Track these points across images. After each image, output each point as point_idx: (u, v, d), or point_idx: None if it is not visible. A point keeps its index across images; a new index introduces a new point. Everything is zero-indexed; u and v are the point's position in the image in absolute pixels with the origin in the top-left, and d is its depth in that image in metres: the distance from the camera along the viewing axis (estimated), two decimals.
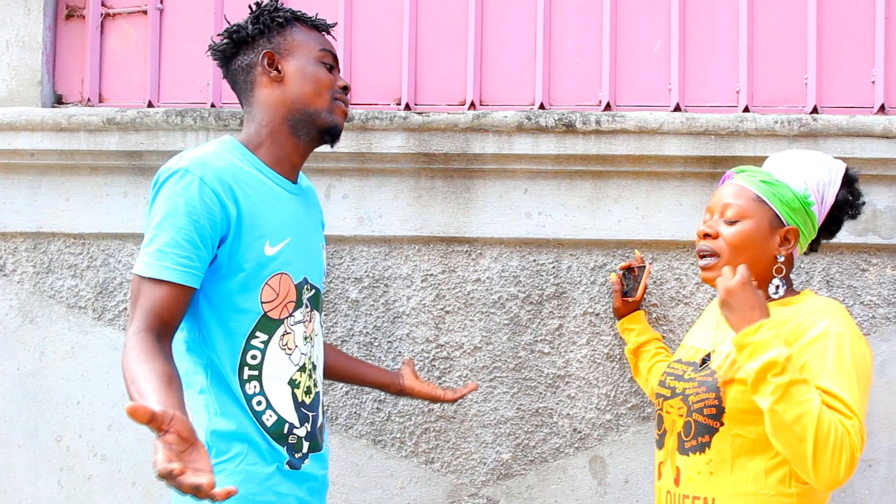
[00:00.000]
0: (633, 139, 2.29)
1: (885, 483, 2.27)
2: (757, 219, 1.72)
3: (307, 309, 1.77)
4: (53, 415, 2.44)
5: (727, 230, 1.73)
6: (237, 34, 1.78)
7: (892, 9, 2.36)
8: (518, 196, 2.36)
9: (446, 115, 2.32)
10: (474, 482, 2.36)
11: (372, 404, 2.38)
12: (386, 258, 2.39)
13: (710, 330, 1.85)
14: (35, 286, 2.46)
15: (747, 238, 1.72)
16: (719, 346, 1.76)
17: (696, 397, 1.70)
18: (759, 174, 1.76)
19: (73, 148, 2.40)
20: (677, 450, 1.74)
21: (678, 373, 1.81)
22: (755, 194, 1.73)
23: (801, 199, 1.72)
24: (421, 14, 2.46)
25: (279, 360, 1.70)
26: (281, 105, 1.74)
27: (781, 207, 1.71)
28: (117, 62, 2.53)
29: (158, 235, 1.58)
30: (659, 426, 1.83)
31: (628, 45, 2.42)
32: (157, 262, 1.56)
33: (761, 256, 1.73)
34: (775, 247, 1.72)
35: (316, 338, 1.80)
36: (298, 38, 1.78)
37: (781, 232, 1.72)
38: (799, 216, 1.73)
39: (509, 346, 2.36)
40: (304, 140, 1.77)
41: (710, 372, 1.71)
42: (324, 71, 1.78)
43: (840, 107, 2.37)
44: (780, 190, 1.72)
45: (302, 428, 1.73)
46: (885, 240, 2.28)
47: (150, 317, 1.55)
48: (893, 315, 2.29)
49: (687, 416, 1.71)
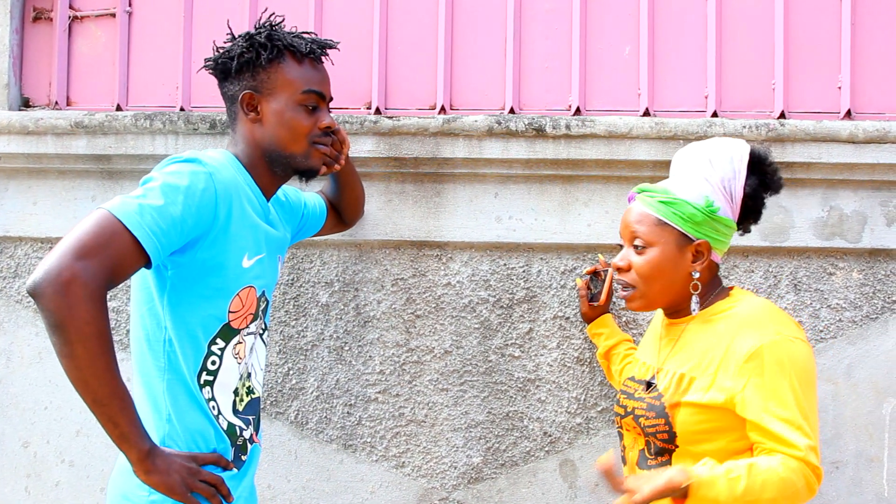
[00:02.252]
0: (603, 144, 2.30)
1: (852, 485, 2.29)
2: (662, 243, 1.70)
3: (260, 321, 1.80)
4: (20, 421, 2.42)
5: (637, 260, 1.72)
6: (224, 65, 1.77)
7: (858, 15, 2.39)
8: (488, 200, 2.36)
9: (416, 119, 2.32)
10: (445, 486, 2.36)
11: (342, 409, 2.37)
12: (356, 262, 2.39)
13: (654, 345, 1.86)
14: (1, 291, 2.44)
15: (656, 266, 1.70)
16: (664, 364, 1.76)
17: (646, 421, 1.70)
18: (657, 194, 1.73)
19: (41, 151, 2.38)
20: (637, 464, 1.75)
21: (630, 391, 1.81)
22: (656, 218, 1.71)
23: (703, 211, 1.68)
24: (391, 18, 2.46)
25: (231, 367, 1.72)
26: (259, 143, 1.76)
27: (685, 225, 1.69)
28: (85, 65, 2.51)
29: (149, 196, 1.52)
30: (620, 442, 1.85)
31: (598, 50, 2.43)
32: (140, 219, 1.49)
33: (676, 278, 1.71)
34: (688, 264, 1.70)
35: (257, 346, 1.81)
36: (283, 77, 1.75)
37: (691, 248, 1.70)
38: (706, 227, 1.69)
39: (480, 350, 2.36)
40: (279, 174, 1.80)
41: (658, 395, 1.71)
42: (303, 115, 1.76)
43: (807, 112, 2.39)
44: (680, 208, 1.69)
45: (248, 430, 1.77)
46: (852, 244, 2.31)
47: (112, 270, 1.46)
48: (860, 318, 2.32)
49: (645, 436, 1.72)
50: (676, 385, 1.68)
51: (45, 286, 1.39)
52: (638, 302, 1.75)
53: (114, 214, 1.47)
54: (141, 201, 1.51)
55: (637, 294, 1.74)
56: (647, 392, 1.74)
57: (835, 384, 2.30)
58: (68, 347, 1.41)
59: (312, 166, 1.80)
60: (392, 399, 2.37)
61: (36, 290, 1.40)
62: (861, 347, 2.31)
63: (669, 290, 1.72)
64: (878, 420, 2.30)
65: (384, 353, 2.37)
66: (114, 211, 1.47)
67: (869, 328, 2.31)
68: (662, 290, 1.72)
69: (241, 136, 1.77)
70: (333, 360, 2.37)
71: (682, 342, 1.74)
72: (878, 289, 2.32)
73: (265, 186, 1.79)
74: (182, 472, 1.57)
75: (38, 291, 1.40)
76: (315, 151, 1.79)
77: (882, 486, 2.30)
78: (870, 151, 2.27)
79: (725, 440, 1.63)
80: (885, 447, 2.30)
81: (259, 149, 1.76)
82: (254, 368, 1.81)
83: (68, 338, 1.40)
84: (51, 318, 1.40)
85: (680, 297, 1.74)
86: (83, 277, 1.41)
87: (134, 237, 1.48)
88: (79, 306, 1.40)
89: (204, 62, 1.84)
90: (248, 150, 1.77)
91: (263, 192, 1.79)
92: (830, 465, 2.29)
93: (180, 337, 1.63)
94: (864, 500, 2.29)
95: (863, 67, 2.39)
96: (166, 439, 1.63)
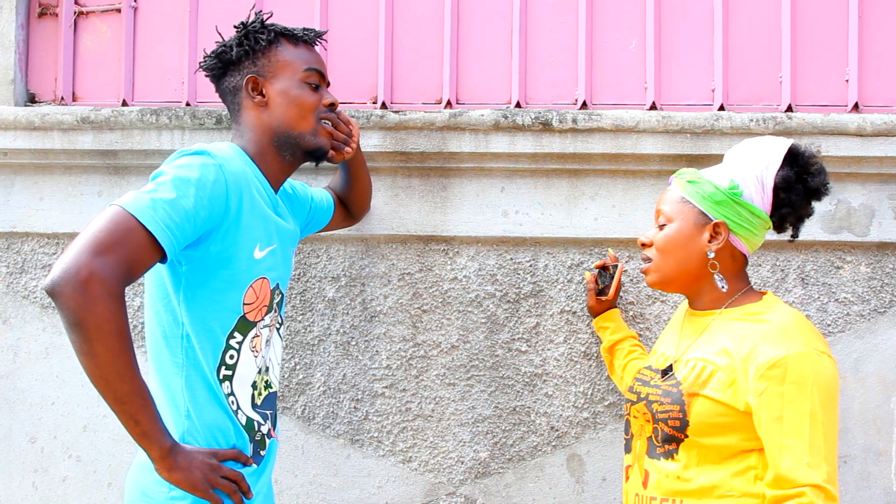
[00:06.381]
0: (610, 138, 2.30)
1: (860, 479, 2.29)
2: (681, 219, 1.74)
3: (275, 313, 1.80)
4: (27, 416, 2.42)
5: (657, 235, 1.78)
6: (224, 55, 1.80)
7: (865, 7, 2.38)
8: (495, 194, 2.36)
9: (423, 113, 2.32)
10: (452, 481, 2.36)
11: (349, 403, 2.37)
12: (363, 257, 2.38)
13: (674, 337, 1.85)
14: (8, 286, 2.44)
15: (671, 240, 1.75)
16: (683, 354, 1.75)
17: (660, 406, 1.70)
18: (687, 175, 1.78)
19: (47, 147, 2.38)
20: (646, 453, 1.74)
21: (646, 378, 1.81)
22: (681, 195, 1.76)
23: (724, 192, 1.71)
24: (397, 12, 2.46)
25: (248, 361, 1.72)
26: (266, 128, 1.77)
27: (704, 203, 1.72)
28: (91, 61, 2.51)
29: (160, 190, 1.52)
30: (627, 430, 1.84)
31: (604, 44, 2.43)
32: (153, 213, 1.48)
33: (691, 255, 1.74)
34: (704, 243, 1.72)
35: (274, 340, 1.82)
36: (283, 59, 1.79)
37: (709, 227, 1.72)
38: (726, 208, 1.71)
39: (486, 345, 2.36)
40: (288, 160, 1.81)
41: (676, 382, 1.70)
42: (308, 92, 1.79)
43: (814, 105, 2.38)
44: (702, 186, 1.73)
45: (266, 425, 1.77)
46: (860, 237, 2.30)
47: (129, 267, 1.46)
48: (867, 312, 2.31)
49: (654, 422, 1.72)
50: (697, 376, 1.67)
51: (63, 285, 1.39)
52: (653, 276, 1.79)
53: (127, 210, 1.47)
54: (153, 196, 1.50)
55: (653, 267, 1.78)
56: (664, 380, 1.74)
57: (842, 378, 2.29)
58: (88, 346, 1.40)
59: (321, 144, 1.82)
60: (399, 394, 2.37)
61: (54, 289, 1.39)
62: (869, 341, 2.31)
63: (683, 267, 1.74)
64: (886, 414, 2.29)
65: (391, 348, 2.37)
66: (127, 207, 1.47)
67: (877, 322, 2.31)
68: (676, 266, 1.75)
69: (247, 125, 1.78)
70: (340, 354, 2.37)
71: (706, 335, 1.73)
72: (885, 282, 2.31)
73: (273, 176, 1.80)
74: (204, 468, 1.57)
75: (57, 290, 1.39)
76: (322, 129, 1.83)
77: (890, 479, 2.29)
78: (878, 144, 2.26)
79: (736, 438, 1.62)
80: (892, 441, 2.29)
81: (267, 134, 1.77)
82: (271, 362, 1.81)
83: (88, 336, 1.40)
84: (70, 317, 1.40)
85: (695, 277, 1.75)
86: (101, 275, 1.40)
87: (148, 232, 1.47)
88: (98, 304, 1.39)
89: (199, 65, 1.86)
90: (255, 137, 1.77)
91: (271, 183, 1.79)
92: (839, 459, 2.28)
93: (198, 332, 1.63)
94: (872, 495, 2.29)
95: (870, 60, 2.38)
96: (185, 435, 1.63)
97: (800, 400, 1.56)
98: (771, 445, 1.57)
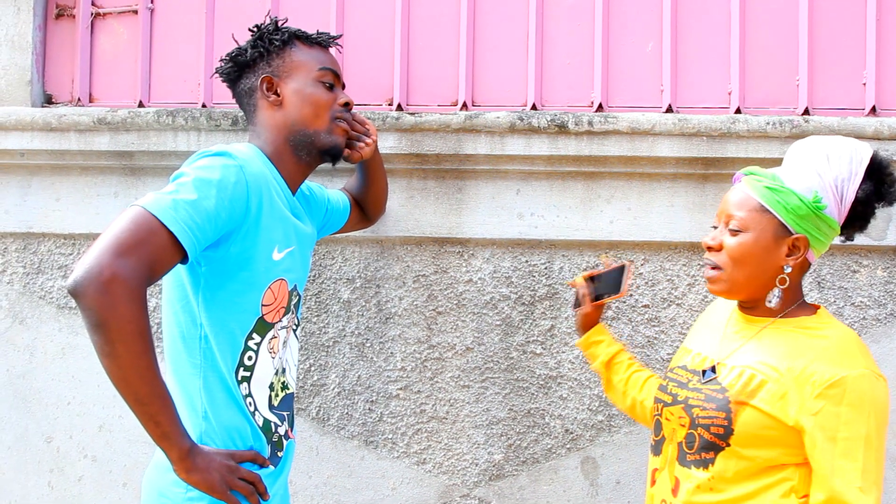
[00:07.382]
0: (626, 140, 2.29)
1: None
2: (759, 230, 1.62)
3: (292, 315, 1.80)
4: (44, 416, 2.43)
5: (730, 241, 1.64)
6: (239, 58, 1.82)
7: (883, 11, 2.37)
8: (510, 197, 2.36)
9: (438, 115, 2.32)
10: (466, 483, 2.36)
11: (364, 405, 2.37)
12: (378, 259, 2.39)
13: (714, 336, 1.76)
14: (25, 287, 2.45)
15: (748, 251, 1.62)
16: (727, 358, 1.67)
17: (702, 412, 1.63)
18: (764, 179, 1.65)
19: (64, 148, 2.39)
20: (677, 460, 1.67)
21: (682, 380, 1.72)
22: (759, 203, 1.63)
23: (809, 205, 1.59)
24: (413, 14, 2.46)
25: (266, 362, 1.72)
26: (282, 127, 1.78)
27: (787, 216, 1.60)
28: (108, 62, 2.52)
29: (181, 191, 1.52)
30: (657, 432, 1.75)
31: (620, 46, 2.42)
32: (175, 214, 1.49)
33: (766, 269, 1.63)
34: (782, 257, 1.62)
35: (290, 341, 1.83)
36: (297, 59, 1.81)
37: (789, 241, 1.61)
38: (808, 222, 1.61)
39: (501, 347, 2.36)
40: (305, 160, 1.82)
41: (721, 388, 1.62)
42: (322, 91, 1.81)
43: (831, 108, 2.37)
44: (785, 197, 1.60)
45: (283, 426, 1.78)
46: (876, 241, 2.29)
47: (151, 267, 1.46)
48: (884, 316, 2.30)
49: (690, 427, 1.64)
50: (745, 384, 1.60)
51: (86, 285, 1.39)
52: (721, 285, 1.67)
53: (149, 211, 1.47)
54: (175, 196, 1.51)
55: (723, 276, 1.66)
56: (705, 383, 1.66)
57: None
58: (110, 346, 1.41)
59: (336, 143, 1.83)
60: (413, 396, 2.37)
61: (77, 290, 1.39)
62: (885, 346, 2.30)
63: (756, 280, 1.64)
64: None
65: (405, 350, 2.37)
66: (148, 207, 1.47)
67: (893, 326, 2.30)
68: (749, 279, 1.64)
69: (263, 125, 1.79)
70: (355, 356, 2.38)
71: (755, 341, 1.66)
72: None
73: (291, 178, 1.80)
74: (222, 469, 1.57)
75: (80, 291, 1.39)
76: (337, 127, 1.83)
77: None
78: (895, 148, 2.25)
79: (777, 451, 1.57)
80: None
81: (282, 133, 1.78)
82: (288, 364, 1.81)
83: (110, 337, 1.40)
84: (92, 318, 1.40)
85: (765, 290, 1.66)
86: (123, 275, 1.41)
87: (170, 233, 1.47)
88: (120, 305, 1.40)
89: (215, 71, 1.88)
90: (271, 137, 1.78)
91: (289, 184, 1.80)
92: None
93: (216, 333, 1.63)
94: (888, 500, 2.28)
95: (888, 63, 2.37)
96: (203, 437, 1.63)
97: (856, 422, 1.51)
98: (822, 465, 1.52)
